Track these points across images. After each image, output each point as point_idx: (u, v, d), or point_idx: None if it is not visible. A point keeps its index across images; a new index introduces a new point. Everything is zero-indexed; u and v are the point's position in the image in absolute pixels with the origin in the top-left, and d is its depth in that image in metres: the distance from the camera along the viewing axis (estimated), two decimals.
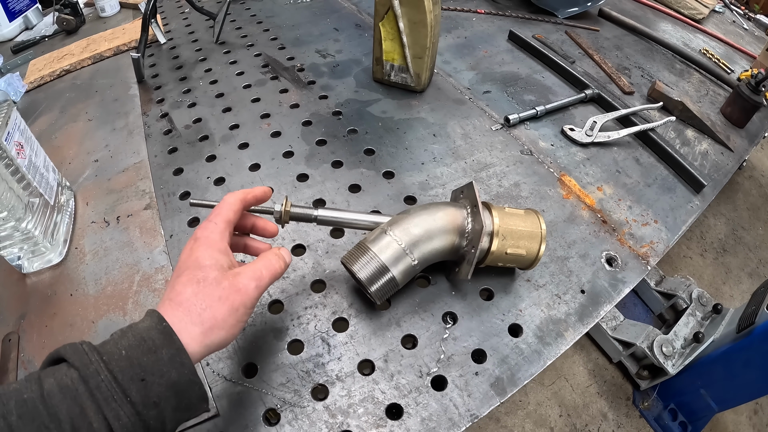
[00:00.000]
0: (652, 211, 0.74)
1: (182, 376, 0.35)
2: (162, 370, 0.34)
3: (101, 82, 1.02)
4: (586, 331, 0.58)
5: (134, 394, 0.33)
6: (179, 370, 0.35)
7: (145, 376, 0.34)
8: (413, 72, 0.87)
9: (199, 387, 0.36)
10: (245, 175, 0.75)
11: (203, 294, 0.39)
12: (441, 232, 0.53)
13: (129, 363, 0.34)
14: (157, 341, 0.35)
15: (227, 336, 0.39)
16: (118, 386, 0.33)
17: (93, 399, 0.32)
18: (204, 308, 0.38)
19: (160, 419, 0.34)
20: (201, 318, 0.38)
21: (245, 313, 0.41)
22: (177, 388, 0.35)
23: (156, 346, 0.35)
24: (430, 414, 0.48)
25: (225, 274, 0.41)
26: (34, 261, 0.64)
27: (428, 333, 0.55)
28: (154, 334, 0.36)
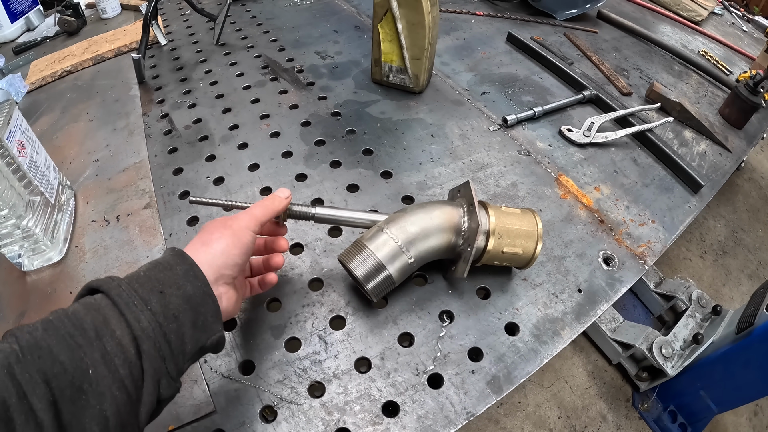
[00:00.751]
0: (649, 211, 0.74)
1: (197, 288, 0.38)
2: (178, 283, 0.37)
3: (102, 82, 1.03)
4: (582, 330, 0.58)
5: (154, 303, 0.35)
6: (193, 282, 0.38)
7: (163, 289, 0.37)
8: (412, 73, 0.88)
9: (212, 300, 0.39)
10: (244, 175, 0.75)
11: (214, 232, 0.44)
12: (437, 231, 0.53)
13: (147, 279, 0.37)
14: (171, 261, 0.39)
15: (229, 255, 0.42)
16: (138, 296, 0.35)
17: (115, 307, 0.34)
18: (214, 240, 0.43)
19: (179, 334, 0.36)
20: (213, 248, 0.42)
21: (246, 244, 0.44)
22: (193, 300, 0.38)
23: (171, 265, 0.39)
24: (427, 412, 0.49)
25: None
26: (34, 259, 0.64)
27: (425, 331, 0.55)
28: (168, 257, 0.40)
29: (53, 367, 0.30)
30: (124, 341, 0.33)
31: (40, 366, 0.29)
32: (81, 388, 0.30)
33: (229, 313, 0.44)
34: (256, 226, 0.46)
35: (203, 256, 0.41)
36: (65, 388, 0.30)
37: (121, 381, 0.32)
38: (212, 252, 0.42)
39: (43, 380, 0.29)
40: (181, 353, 0.36)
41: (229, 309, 0.43)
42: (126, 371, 0.32)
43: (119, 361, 0.32)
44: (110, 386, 0.31)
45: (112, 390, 0.31)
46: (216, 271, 0.41)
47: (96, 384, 0.31)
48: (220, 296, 0.41)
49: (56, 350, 0.30)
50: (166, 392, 0.35)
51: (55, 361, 0.30)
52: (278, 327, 0.55)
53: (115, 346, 0.32)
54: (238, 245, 0.43)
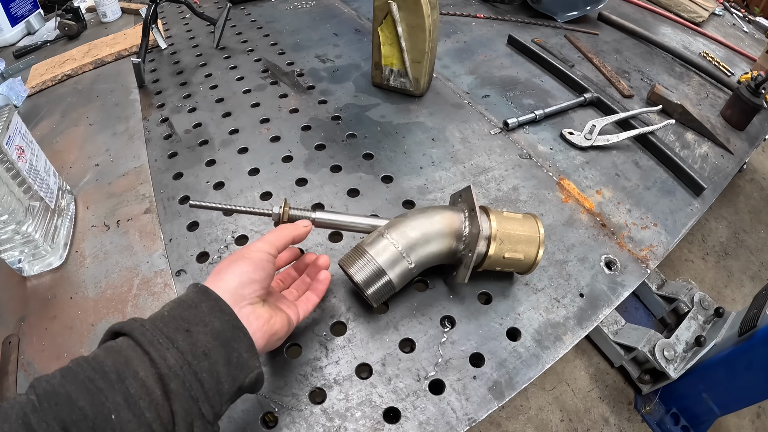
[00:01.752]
0: (651, 214, 0.74)
1: (225, 323, 0.37)
2: (204, 320, 0.36)
3: (102, 86, 1.03)
4: (585, 335, 0.58)
5: (180, 342, 0.33)
6: (220, 318, 0.37)
7: (189, 327, 0.35)
8: (412, 76, 0.88)
9: (244, 333, 0.37)
10: (244, 180, 0.75)
11: (224, 262, 0.43)
12: (438, 236, 0.53)
13: (172, 318, 0.35)
14: (195, 298, 0.38)
15: (243, 274, 0.41)
16: (163, 334, 0.33)
17: (138, 346, 0.32)
18: (224, 268, 0.42)
19: (212, 373, 0.34)
20: (226, 273, 0.41)
21: (259, 261, 0.43)
22: (223, 336, 0.36)
23: (195, 303, 0.37)
24: (428, 418, 0.48)
25: None
26: (34, 264, 0.64)
27: (426, 337, 0.55)
28: (191, 294, 0.38)
29: (71, 414, 0.28)
30: (149, 382, 0.31)
31: (57, 413, 0.28)
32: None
33: (266, 336, 0.41)
34: (270, 248, 0.45)
35: (218, 285, 0.40)
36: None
37: (149, 425, 0.30)
38: (225, 278, 0.40)
39: (62, 428, 0.27)
40: (217, 393, 0.34)
41: (263, 330, 0.40)
42: (153, 414, 0.30)
43: (144, 404, 0.30)
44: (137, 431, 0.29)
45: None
46: (233, 294, 0.39)
47: (120, 430, 0.29)
48: (247, 318, 0.39)
49: (75, 396, 0.29)
50: None
51: (73, 408, 0.28)
52: None
53: (139, 387, 0.30)
54: (251, 264, 0.42)
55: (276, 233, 0.47)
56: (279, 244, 0.46)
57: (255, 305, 0.41)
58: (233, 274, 0.41)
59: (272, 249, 0.45)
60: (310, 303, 0.52)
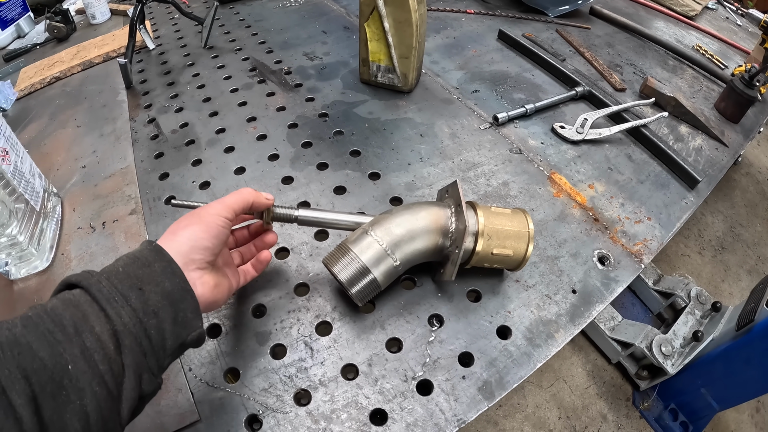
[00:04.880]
0: (645, 208, 0.73)
1: (175, 284, 0.38)
2: (156, 280, 0.38)
3: (90, 88, 1.02)
4: (577, 332, 0.57)
5: (134, 300, 0.35)
6: (171, 279, 0.38)
7: (142, 286, 0.37)
8: (400, 72, 0.87)
9: (191, 296, 0.39)
10: (230, 179, 0.74)
11: (182, 221, 0.44)
12: (423, 232, 0.52)
13: (126, 275, 0.37)
14: (149, 257, 0.39)
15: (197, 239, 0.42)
16: (119, 292, 0.35)
17: (95, 303, 0.34)
18: (181, 228, 0.43)
19: (159, 330, 0.36)
20: (180, 235, 0.42)
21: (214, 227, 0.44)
22: (172, 297, 0.38)
23: (149, 261, 0.39)
24: (416, 419, 0.47)
25: None
26: (21, 267, 0.63)
27: (413, 336, 0.54)
28: (146, 252, 0.40)
29: (33, 363, 0.30)
30: (104, 337, 0.33)
31: (20, 362, 0.29)
32: (61, 383, 0.30)
33: (208, 301, 0.43)
34: (227, 212, 0.46)
35: (171, 245, 0.41)
36: (45, 383, 0.30)
37: (101, 376, 0.32)
38: (179, 240, 0.42)
39: (23, 376, 0.29)
40: (162, 349, 0.37)
41: (206, 295, 0.42)
42: (106, 366, 0.32)
43: (99, 357, 0.32)
44: (90, 382, 0.31)
45: (92, 385, 0.31)
46: (184, 256, 0.41)
47: (76, 380, 0.31)
48: (194, 282, 0.41)
49: (36, 346, 0.30)
50: (148, 387, 0.36)
51: (34, 357, 0.30)
52: (263, 333, 0.54)
53: (94, 341, 0.33)
54: (206, 229, 0.43)
55: (235, 196, 0.48)
56: (237, 208, 0.47)
57: (203, 270, 0.43)
58: (187, 237, 0.42)
59: (230, 213, 0.46)
60: (248, 275, 0.54)
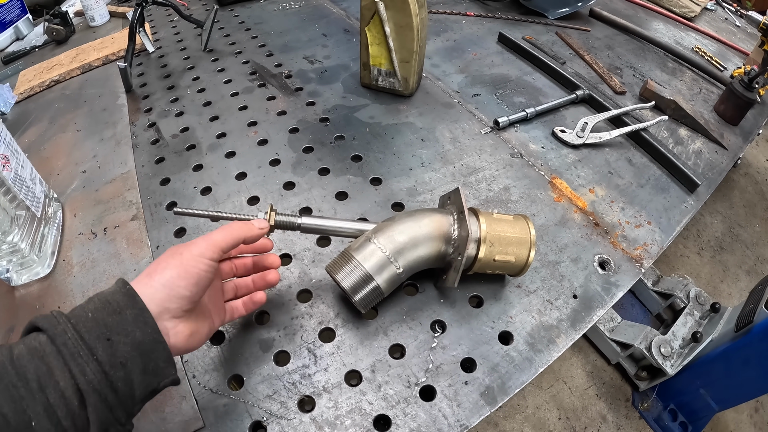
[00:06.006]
0: (645, 212, 0.73)
1: (146, 335, 0.36)
2: (127, 330, 0.36)
3: (90, 92, 1.01)
4: (578, 337, 0.57)
5: (101, 352, 0.34)
6: (143, 329, 0.36)
7: (111, 336, 0.35)
8: (401, 76, 0.87)
9: (163, 347, 0.37)
10: (232, 184, 0.74)
11: (161, 261, 0.41)
12: (426, 240, 0.52)
13: (95, 323, 0.35)
14: (121, 303, 0.37)
15: (173, 288, 0.39)
16: (85, 344, 0.34)
17: (59, 356, 0.33)
18: (158, 270, 0.40)
19: (127, 382, 0.35)
20: (156, 280, 0.39)
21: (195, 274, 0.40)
22: (142, 348, 0.36)
23: (120, 308, 0.36)
24: (419, 425, 0.48)
25: None
26: (22, 274, 0.63)
27: (416, 342, 0.54)
28: (118, 296, 0.37)
29: None
30: (68, 393, 0.32)
31: None
32: None
33: (181, 350, 0.41)
34: (213, 252, 0.42)
35: (146, 290, 0.38)
36: None
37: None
38: (154, 285, 0.39)
39: None
40: (131, 398, 0.35)
41: (179, 345, 0.40)
42: (69, 422, 0.32)
43: (62, 413, 0.32)
44: None
45: None
46: (158, 304, 0.38)
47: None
48: (166, 332, 0.39)
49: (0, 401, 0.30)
50: None
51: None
52: (267, 340, 0.54)
53: (58, 398, 0.32)
54: (185, 276, 0.40)
55: (223, 233, 0.44)
56: (225, 246, 0.43)
57: (178, 319, 0.40)
58: (162, 284, 0.39)
59: (215, 253, 0.42)
60: (236, 313, 0.51)
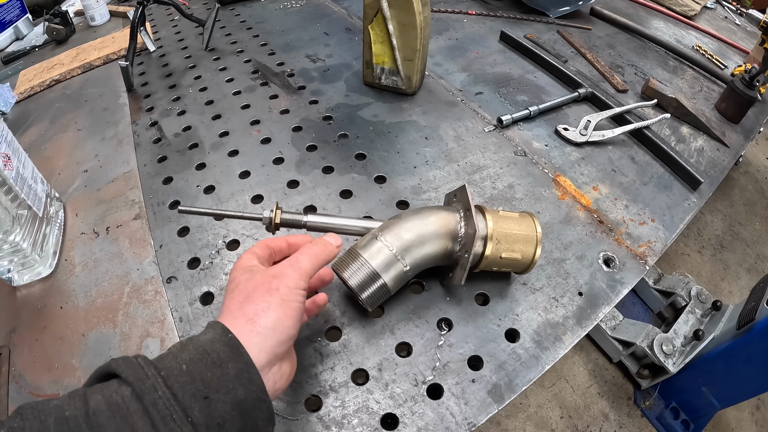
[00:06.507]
0: (648, 209, 0.73)
1: (250, 393, 0.32)
2: (228, 387, 0.31)
3: (91, 91, 1.01)
4: (584, 335, 0.57)
5: (196, 413, 0.29)
6: (247, 386, 0.32)
7: (209, 394, 0.30)
8: (404, 75, 0.87)
9: (267, 406, 0.33)
10: (235, 183, 0.74)
11: (258, 299, 0.37)
12: (433, 237, 0.52)
13: (191, 378, 0.31)
14: (222, 354, 0.32)
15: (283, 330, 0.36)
16: (178, 404, 0.29)
17: (148, 417, 0.28)
18: (260, 313, 0.35)
19: None
20: (261, 325, 0.35)
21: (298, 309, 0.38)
22: (243, 407, 0.32)
23: (221, 360, 0.32)
24: (426, 423, 0.47)
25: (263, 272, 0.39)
26: (24, 274, 0.63)
27: (423, 340, 0.54)
28: (218, 346, 0.33)
29: None
30: None
31: None
32: None
33: (285, 388, 0.38)
34: (305, 282, 0.40)
35: (252, 339, 0.34)
36: None
37: None
38: (262, 332, 0.35)
39: None
40: None
41: (283, 387, 0.38)
42: None
43: None
44: None
45: None
46: (269, 353, 0.35)
47: None
48: (274, 378, 0.36)
49: None
50: None
51: None
52: None
53: None
54: (291, 314, 0.36)
55: (310, 258, 0.41)
56: (313, 273, 0.41)
57: (282, 361, 0.37)
58: (273, 330, 0.35)
59: (306, 282, 0.40)
60: None
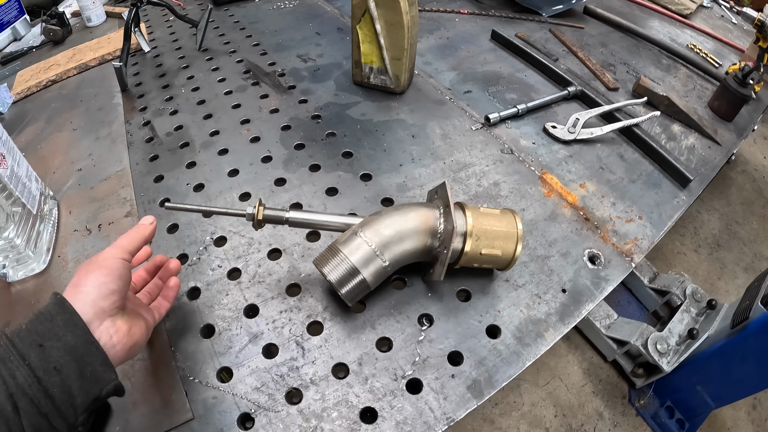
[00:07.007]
0: (636, 207, 0.73)
1: (78, 337, 0.37)
2: (58, 335, 0.36)
3: (86, 91, 1.02)
4: (567, 331, 0.57)
5: (33, 358, 0.34)
6: (74, 332, 0.37)
7: (43, 342, 0.35)
8: (392, 74, 0.87)
9: (97, 348, 0.38)
10: (224, 181, 0.75)
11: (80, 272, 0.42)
12: (412, 233, 0.52)
13: (28, 332, 0.36)
14: (52, 311, 0.37)
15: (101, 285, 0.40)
16: (15, 350, 0.34)
17: None
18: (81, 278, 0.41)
19: (64, 388, 0.35)
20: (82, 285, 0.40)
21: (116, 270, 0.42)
22: (76, 351, 0.36)
23: (51, 315, 0.37)
24: (405, 417, 0.48)
25: None
26: (18, 270, 0.64)
27: (403, 335, 0.54)
28: (50, 306, 0.38)
29: None
30: (1, 398, 0.32)
31: None
32: None
33: (127, 346, 0.42)
34: (123, 252, 0.44)
35: (76, 296, 0.39)
36: None
37: None
38: (83, 290, 0.40)
39: None
40: (71, 407, 0.35)
41: (123, 341, 0.41)
42: (4, 429, 0.32)
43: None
44: None
45: None
46: (92, 306, 0.39)
47: None
48: (108, 331, 0.40)
49: None
50: None
51: None
52: (256, 333, 0.55)
53: None
54: (107, 273, 0.41)
55: (127, 237, 0.46)
56: (132, 248, 0.45)
57: (114, 317, 0.41)
58: (91, 286, 0.40)
59: (126, 254, 0.44)
60: (162, 308, 0.52)
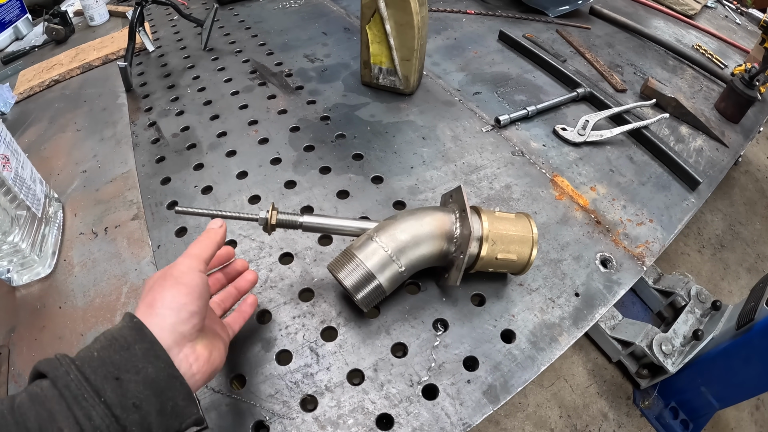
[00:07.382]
0: (646, 210, 0.73)
1: (159, 370, 0.33)
2: (137, 367, 0.33)
3: (90, 91, 1.01)
4: (581, 335, 0.57)
5: (109, 393, 0.31)
6: (155, 364, 0.33)
7: (120, 375, 0.32)
8: (401, 74, 0.87)
9: (181, 382, 0.34)
10: (233, 183, 0.74)
11: (155, 288, 0.38)
12: (428, 238, 0.52)
13: (101, 362, 0.32)
14: (129, 338, 0.34)
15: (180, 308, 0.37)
16: (90, 385, 0.31)
17: (63, 401, 0.30)
18: (157, 297, 0.37)
19: (143, 426, 0.32)
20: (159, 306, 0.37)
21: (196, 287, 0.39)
22: (156, 385, 0.33)
23: (128, 343, 0.34)
24: (422, 424, 0.48)
25: None
26: (23, 274, 0.63)
27: (418, 341, 0.54)
28: (125, 331, 0.34)
29: None
30: None
31: None
32: None
33: (207, 373, 0.39)
34: (199, 264, 0.41)
35: (153, 321, 0.36)
36: None
37: None
38: (159, 312, 0.36)
39: None
40: None
41: (204, 369, 0.38)
42: None
43: None
44: None
45: None
46: (171, 332, 0.36)
47: None
48: (188, 360, 0.37)
49: None
50: None
51: None
52: (269, 340, 0.54)
53: None
54: (187, 292, 0.38)
55: (200, 245, 0.43)
56: (206, 256, 0.43)
57: (194, 342, 0.38)
58: (169, 308, 0.37)
59: (203, 265, 0.41)
60: (236, 325, 0.50)
